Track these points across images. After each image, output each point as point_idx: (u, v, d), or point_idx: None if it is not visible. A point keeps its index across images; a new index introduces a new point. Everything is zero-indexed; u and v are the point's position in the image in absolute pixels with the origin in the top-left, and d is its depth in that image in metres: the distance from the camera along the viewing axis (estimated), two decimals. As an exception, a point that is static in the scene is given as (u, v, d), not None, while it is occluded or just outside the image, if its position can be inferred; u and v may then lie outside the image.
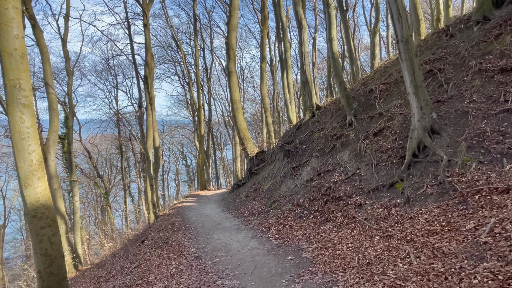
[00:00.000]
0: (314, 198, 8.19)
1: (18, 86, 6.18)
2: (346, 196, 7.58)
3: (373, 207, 6.89)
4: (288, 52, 19.77)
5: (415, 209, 6.14)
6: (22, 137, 6.23)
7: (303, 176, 9.47)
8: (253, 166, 13.53)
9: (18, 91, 6.19)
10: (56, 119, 14.96)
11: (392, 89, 9.45)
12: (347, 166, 8.35)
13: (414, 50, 6.97)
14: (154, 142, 20.92)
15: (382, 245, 5.50)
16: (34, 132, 6.43)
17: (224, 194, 15.52)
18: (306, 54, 11.90)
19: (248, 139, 14.20)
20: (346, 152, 8.73)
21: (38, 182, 6.40)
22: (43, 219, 6.46)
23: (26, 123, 6.28)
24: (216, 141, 40.28)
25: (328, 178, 8.47)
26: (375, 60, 23.40)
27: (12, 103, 6.15)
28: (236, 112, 14.24)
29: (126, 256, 10.52)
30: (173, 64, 32.88)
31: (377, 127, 8.39)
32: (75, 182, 18.04)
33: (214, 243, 7.84)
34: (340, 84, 9.40)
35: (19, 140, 6.23)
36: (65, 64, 17.16)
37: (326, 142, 9.68)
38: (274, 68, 31.60)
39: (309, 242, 6.66)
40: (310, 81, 11.97)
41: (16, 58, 6.18)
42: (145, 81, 20.70)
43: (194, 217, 11.19)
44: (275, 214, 8.78)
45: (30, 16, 13.92)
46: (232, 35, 14.44)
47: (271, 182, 11.00)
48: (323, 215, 7.54)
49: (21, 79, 6.23)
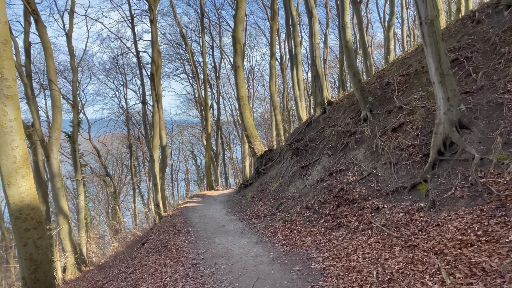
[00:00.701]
0: (325, 200, 7.44)
1: (0, 76, 5.67)
2: (361, 198, 6.81)
3: (392, 211, 6.11)
4: (298, 47, 19.01)
5: (443, 215, 5.34)
6: (4, 131, 5.71)
7: (313, 176, 8.72)
8: (261, 166, 12.83)
9: (0, 81, 5.68)
10: (59, 116, 14.61)
11: (412, 80, 8.60)
12: (362, 165, 7.56)
13: (440, 33, 6.14)
14: (161, 141, 20.46)
15: (405, 256, 4.73)
16: (19, 126, 5.91)
17: (231, 194, 14.88)
18: (317, 45, 11.13)
19: (256, 137, 13.51)
20: (361, 150, 7.94)
21: (23, 181, 5.88)
22: (27, 220, 5.94)
23: (9, 116, 5.76)
24: (225, 141, 39.77)
25: (340, 179, 7.70)
26: (390, 55, 22.38)
27: (-7, 94, 5.64)
28: (243, 109, 13.57)
29: (126, 258, 9.98)
30: (182, 63, 32.50)
31: (396, 122, 7.57)
32: (80, 180, 17.70)
33: (215, 249, 7.18)
34: (354, 76, 8.61)
35: (1, 135, 5.70)
36: (70, 61, 16.83)
37: (338, 139, 8.90)
38: (284, 66, 30.83)
39: (320, 250, 5.92)
40: (321, 75, 11.19)
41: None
42: (151, 78, 20.25)
43: (197, 218, 10.57)
44: (282, 217, 8.06)
45: (32, 11, 13.59)
46: (239, 28, 13.79)
47: (278, 182, 10.28)
48: (335, 220, 6.78)
49: (4, 68, 5.72)
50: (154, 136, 19.39)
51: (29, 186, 5.96)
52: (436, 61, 6.13)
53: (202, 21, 20.16)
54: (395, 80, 9.03)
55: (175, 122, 41.57)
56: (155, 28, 19.56)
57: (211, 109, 33.60)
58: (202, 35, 19.96)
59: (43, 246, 6.11)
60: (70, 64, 17.05)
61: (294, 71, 18.38)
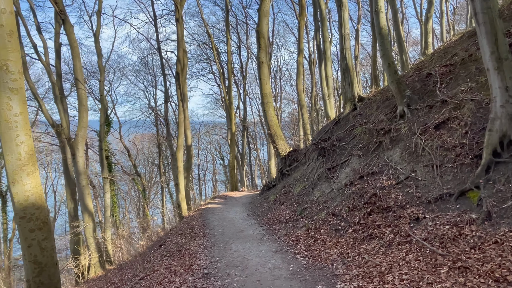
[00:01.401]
0: (355, 207, 6.55)
1: (5, 68, 5.41)
2: (397, 206, 5.87)
3: (435, 223, 5.14)
4: (327, 43, 17.99)
5: (502, 230, 4.33)
6: (9, 126, 5.44)
7: (341, 179, 7.84)
8: (284, 167, 12.07)
9: (5, 74, 5.41)
10: (85, 115, 14.72)
11: (458, 71, 7.47)
12: (398, 167, 6.60)
13: (497, 9, 5.09)
14: (186, 140, 20.28)
15: (454, 281, 3.81)
16: (24, 121, 5.64)
17: (254, 196, 14.24)
18: (346, 36, 10.20)
19: (280, 137, 12.76)
20: (397, 150, 6.96)
21: (28, 178, 5.59)
22: (32, 220, 5.64)
23: (14, 111, 5.49)
24: (252, 141, 39.29)
25: (372, 183, 6.78)
26: (428, 49, 20.71)
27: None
28: (267, 107, 12.87)
29: (143, 260, 9.64)
30: (209, 63, 32.46)
31: (440, 118, 6.53)
32: (106, 179, 17.88)
33: (230, 257, 6.54)
34: (389, 67, 7.63)
35: (6, 130, 5.44)
36: (97, 61, 17.06)
37: (370, 138, 7.95)
38: (313, 64, 29.78)
39: (347, 265, 5.08)
40: (351, 68, 10.24)
41: (2, 36, 5.40)
42: (176, 77, 20.12)
43: (216, 221, 10.02)
44: (305, 224, 7.26)
45: (60, 11, 13.80)
46: (263, 22, 13.13)
47: (303, 185, 9.48)
48: (366, 230, 5.89)
49: (9, 60, 5.46)
50: (179, 135, 19.23)
51: (35, 184, 5.66)
52: (492, 43, 5.08)
53: (227, 18, 19.75)
54: (437, 71, 7.92)
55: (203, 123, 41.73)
56: (181, 27, 19.41)
57: (237, 109, 33.28)
58: (227, 32, 19.54)
59: (48, 248, 5.79)
60: (97, 64, 17.27)
61: (323, 67, 17.43)
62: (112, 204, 27.92)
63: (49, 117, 16.21)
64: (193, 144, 42.49)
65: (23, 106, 5.63)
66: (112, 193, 27.68)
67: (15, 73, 5.50)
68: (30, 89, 16.36)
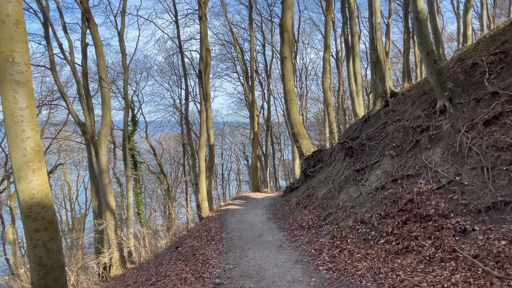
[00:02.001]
0: (387, 214, 5.76)
1: (11, 60, 5.17)
2: (438, 215, 5.03)
3: (487, 236, 4.28)
4: (356, 37, 17.02)
5: None
6: (14, 120, 5.19)
7: (371, 182, 7.03)
8: (308, 168, 11.32)
9: (11, 66, 5.17)
10: (108, 113, 14.75)
11: (510, 59, 6.44)
12: (438, 169, 5.72)
13: None
14: (209, 140, 20.00)
15: (520, 315, 3.00)
16: (30, 116, 5.38)
17: (276, 198, 13.60)
18: (377, 26, 9.33)
19: (303, 136, 12.02)
20: (437, 150, 6.08)
21: (33, 175, 5.32)
22: (38, 220, 5.36)
23: (20, 104, 5.24)
24: (277, 141, 38.62)
25: (408, 187, 5.94)
26: (467, 43, 19.12)
27: (4, 80, 5.14)
28: (290, 104, 12.18)
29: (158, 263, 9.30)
30: (233, 62, 32.22)
31: (490, 113, 5.59)
32: (129, 177, 17.94)
33: (246, 265, 5.96)
34: (427, 56, 6.73)
35: (12, 125, 5.19)
36: (121, 60, 17.14)
37: (405, 136, 7.08)
38: (340, 62, 28.66)
39: (378, 283, 4.35)
40: (382, 61, 9.35)
41: (9, 26, 5.16)
42: (199, 76, 19.93)
43: (235, 224, 9.50)
44: (330, 232, 6.54)
45: (84, 10, 13.88)
46: (287, 15, 12.46)
47: (327, 187, 8.72)
48: (401, 241, 5.10)
49: (15, 52, 5.22)
50: (201, 134, 18.99)
51: (41, 182, 5.38)
52: None
53: (251, 14, 19.24)
54: (485, 60, 6.91)
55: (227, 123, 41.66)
56: (204, 25, 19.17)
57: (261, 109, 32.77)
58: (250, 29, 19.04)
59: (54, 249, 5.49)
60: (121, 63, 17.35)
61: (351, 63, 16.46)
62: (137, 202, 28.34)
63: (75, 116, 16.48)
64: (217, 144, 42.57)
65: (30, 100, 5.37)
66: (137, 191, 28.09)
67: (21, 65, 5.25)
68: (58, 88, 16.73)
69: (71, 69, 14.76)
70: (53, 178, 37.88)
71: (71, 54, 15.59)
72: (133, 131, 28.96)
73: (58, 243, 5.60)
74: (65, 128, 29.79)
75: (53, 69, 16.11)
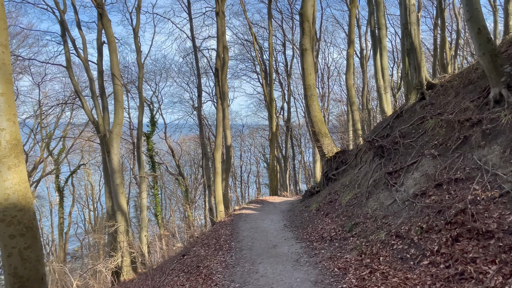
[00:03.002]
0: (431, 227, 4.59)
1: (-16, 40, 4.54)
2: (503, 231, 3.83)
3: None
4: (383, 30, 15.70)
5: None
6: (-13, 109, 4.55)
7: (408, 187, 5.86)
8: (330, 170, 10.18)
9: (-16, 46, 4.54)
10: (121, 111, 14.26)
11: None
12: (498, 172, 4.51)
13: None
14: (226, 140, 19.20)
15: None
16: (7, 104, 4.70)
17: (295, 202, 12.52)
18: (412, 7, 8.12)
19: (325, 134, 10.88)
20: (495, 148, 4.85)
21: (9, 173, 4.61)
22: (13, 224, 4.64)
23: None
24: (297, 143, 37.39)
25: (458, 193, 4.75)
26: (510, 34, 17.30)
27: (-23, 62, 4.50)
28: (310, 100, 11.10)
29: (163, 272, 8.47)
30: (253, 62, 31.45)
31: None
32: (143, 178, 17.42)
33: (255, 284, 4.98)
34: (479, 34, 5.50)
35: (-16, 114, 4.54)
36: (136, 57, 16.70)
37: (449, 132, 5.86)
38: (365, 60, 27.20)
39: (427, 324, 3.23)
40: (417, 47, 8.11)
41: (-19, 0, 4.53)
42: (216, 74, 19.21)
43: (247, 231, 8.53)
44: (356, 246, 5.43)
45: (97, 4, 13.50)
46: (307, 4, 11.43)
47: (353, 192, 7.57)
48: (452, 264, 3.94)
49: (-10, 30, 4.59)
50: (217, 135, 18.23)
51: (18, 180, 4.66)
52: None
53: (270, 8, 18.32)
54: (553, 39, 5.59)
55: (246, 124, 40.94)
56: (221, 21, 18.45)
57: (281, 110, 31.72)
58: (269, 23, 18.11)
59: (32, 258, 4.74)
60: (136, 60, 16.93)
61: (378, 58, 15.17)
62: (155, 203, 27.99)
63: (90, 115, 16.17)
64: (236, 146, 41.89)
65: (6, 86, 4.68)
66: (155, 192, 27.75)
67: (-3, 46, 4.58)
68: (73, 87, 16.52)
69: (84, 66, 14.41)
70: (77, 178, 38.54)
71: (84, 51, 15.29)
72: (152, 131, 28.69)
73: (37, 251, 4.83)
74: (87, 129, 30.11)
75: (69, 67, 15.89)
